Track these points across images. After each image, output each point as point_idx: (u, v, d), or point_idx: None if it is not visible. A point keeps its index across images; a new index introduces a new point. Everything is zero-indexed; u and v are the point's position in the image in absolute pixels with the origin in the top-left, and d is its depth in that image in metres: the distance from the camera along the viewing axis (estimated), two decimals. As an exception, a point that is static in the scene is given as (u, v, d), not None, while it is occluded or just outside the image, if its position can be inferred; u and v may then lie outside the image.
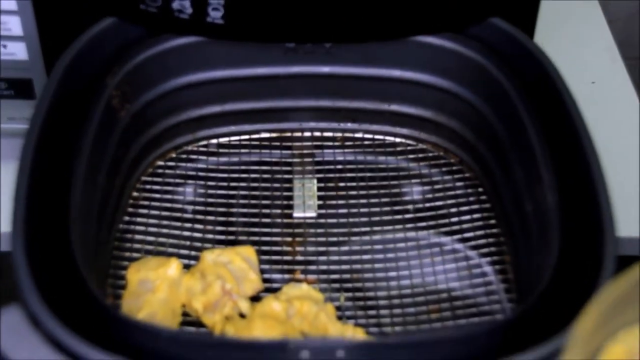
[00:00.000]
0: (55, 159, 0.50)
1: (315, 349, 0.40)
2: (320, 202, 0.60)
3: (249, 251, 0.55)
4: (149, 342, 0.41)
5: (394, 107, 0.62)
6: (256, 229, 0.58)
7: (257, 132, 0.63)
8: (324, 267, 0.56)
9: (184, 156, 0.62)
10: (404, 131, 0.62)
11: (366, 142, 0.63)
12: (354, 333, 0.51)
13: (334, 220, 0.59)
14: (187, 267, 0.55)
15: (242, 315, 0.52)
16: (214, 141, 0.62)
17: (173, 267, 0.53)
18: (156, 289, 0.53)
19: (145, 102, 0.58)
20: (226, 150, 0.62)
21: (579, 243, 0.46)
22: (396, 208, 0.59)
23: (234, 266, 0.54)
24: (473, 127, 0.60)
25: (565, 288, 0.43)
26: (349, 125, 0.63)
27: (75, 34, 0.56)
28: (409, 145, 0.63)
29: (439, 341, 0.42)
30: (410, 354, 0.41)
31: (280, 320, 0.51)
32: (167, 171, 0.61)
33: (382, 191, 0.60)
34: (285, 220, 0.59)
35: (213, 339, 0.44)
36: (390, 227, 0.58)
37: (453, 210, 0.59)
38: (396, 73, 0.60)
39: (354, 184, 0.60)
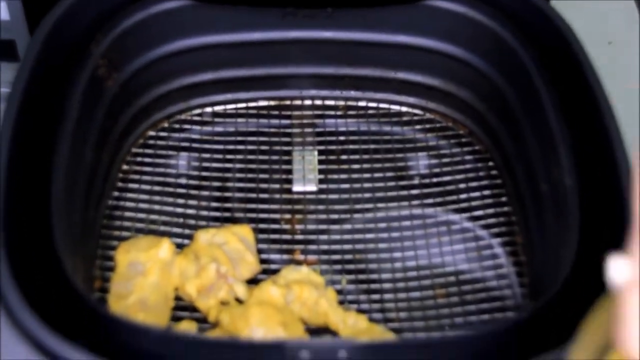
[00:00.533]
0: (37, 135, 0.47)
1: (314, 350, 0.37)
2: (321, 176, 0.56)
3: (245, 231, 0.52)
4: (138, 342, 0.38)
5: (401, 75, 0.58)
6: (253, 205, 0.55)
7: (255, 100, 0.59)
8: (325, 247, 0.53)
9: (176, 126, 0.58)
10: (411, 100, 0.59)
11: (370, 112, 0.59)
12: (357, 320, 0.49)
13: (335, 196, 0.55)
14: (180, 246, 0.52)
15: (238, 300, 0.50)
16: (209, 110, 0.59)
17: (164, 248, 0.50)
18: (147, 272, 0.50)
19: (134, 70, 0.55)
20: (221, 120, 0.59)
21: (599, 233, 0.43)
22: (401, 183, 0.56)
23: (230, 247, 0.51)
24: (484, 96, 0.56)
25: (584, 284, 0.40)
26: (352, 93, 0.59)
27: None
28: (415, 114, 0.59)
29: (446, 342, 0.39)
30: (416, 355, 0.38)
31: (279, 307, 0.48)
32: (159, 142, 0.57)
33: (386, 164, 0.57)
34: (284, 196, 0.56)
35: (207, 340, 0.41)
36: (395, 204, 0.55)
37: (462, 185, 0.56)
38: (403, 39, 0.56)
39: (357, 156, 0.57)
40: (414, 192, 0.55)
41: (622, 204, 0.43)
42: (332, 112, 0.59)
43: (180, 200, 0.55)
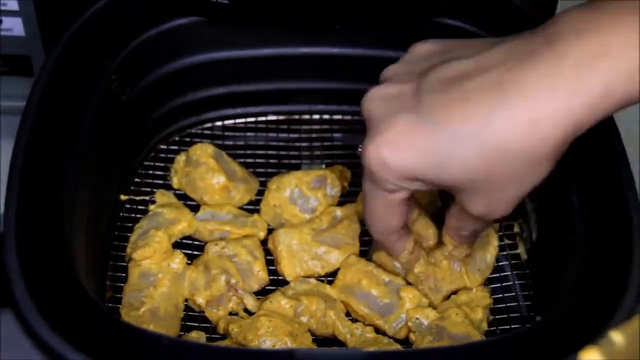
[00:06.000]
0: (50, 148, 0.47)
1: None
2: (330, 190, 0.57)
3: (254, 243, 0.53)
4: (149, 350, 0.39)
5: (407, 90, 0.59)
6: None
7: (264, 114, 0.60)
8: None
9: (187, 139, 0.59)
10: (418, 115, 0.59)
11: (378, 126, 0.60)
12: (364, 331, 0.49)
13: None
14: (190, 257, 0.53)
15: (248, 311, 0.50)
16: (219, 123, 0.60)
17: (176, 260, 0.51)
18: (158, 283, 0.50)
19: (147, 85, 0.56)
20: (231, 133, 0.60)
21: (604, 249, 0.43)
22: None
23: (240, 259, 0.52)
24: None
25: (591, 297, 0.41)
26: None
27: (74, 10, 0.53)
28: (422, 129, 0.60)
29: (453, 352, 0.40)
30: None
31: (287, 319, 0.48)
32: (170, 155, 0.58)
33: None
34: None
35: (216, 348, 0.42)
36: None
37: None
38: (410, 55, 0.57)
39: (364, 170, 0.58)
40: (421, 204, 0.56)
41: (628, 219, 0.44)
42: (340, 127, 0.60)
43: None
